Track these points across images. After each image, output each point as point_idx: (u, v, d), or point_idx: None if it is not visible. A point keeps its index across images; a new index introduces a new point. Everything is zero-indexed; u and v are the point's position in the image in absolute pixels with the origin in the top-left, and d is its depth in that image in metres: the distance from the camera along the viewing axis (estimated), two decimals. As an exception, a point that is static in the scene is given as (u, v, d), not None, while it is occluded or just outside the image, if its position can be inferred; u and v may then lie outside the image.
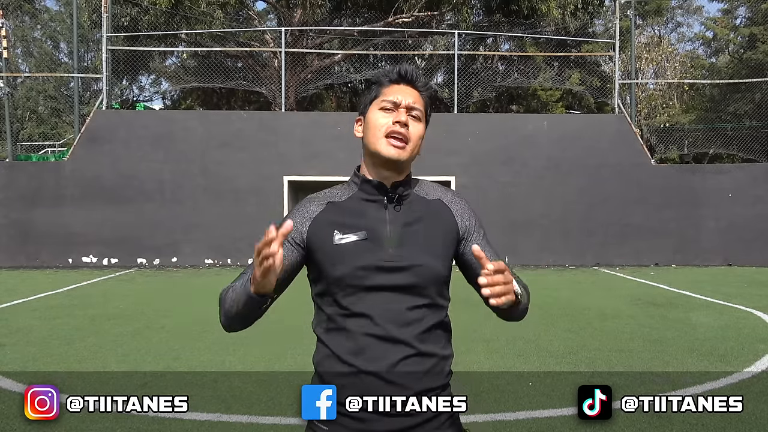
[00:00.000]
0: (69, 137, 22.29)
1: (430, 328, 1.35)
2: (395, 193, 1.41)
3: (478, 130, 14.18)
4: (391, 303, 1.32)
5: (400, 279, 1.33)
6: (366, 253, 1.34)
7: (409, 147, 1.39)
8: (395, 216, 1.40)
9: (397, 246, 1.35)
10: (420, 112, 1.42)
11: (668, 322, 6.96)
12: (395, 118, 1.38)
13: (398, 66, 1.45)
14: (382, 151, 1.38)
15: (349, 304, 1.33)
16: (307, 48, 17.95)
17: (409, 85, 1.43)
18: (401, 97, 1.40)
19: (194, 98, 23.21)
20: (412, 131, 1.39)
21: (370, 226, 1.37)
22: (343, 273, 1.33)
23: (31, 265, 13.10)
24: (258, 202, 13.59)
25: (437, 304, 1.38)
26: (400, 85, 1.43)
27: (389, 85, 1.43)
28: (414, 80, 1.43)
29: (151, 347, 5.68)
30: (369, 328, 1.30)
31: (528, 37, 17.92)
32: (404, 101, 1.40)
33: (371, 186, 1.42)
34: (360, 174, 1.45)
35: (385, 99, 1.41)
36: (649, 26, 28.63)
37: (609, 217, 13.89)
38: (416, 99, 1.42)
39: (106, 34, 14.24)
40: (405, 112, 1.39)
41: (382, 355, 1.30)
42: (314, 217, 1.40)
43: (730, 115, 22.04)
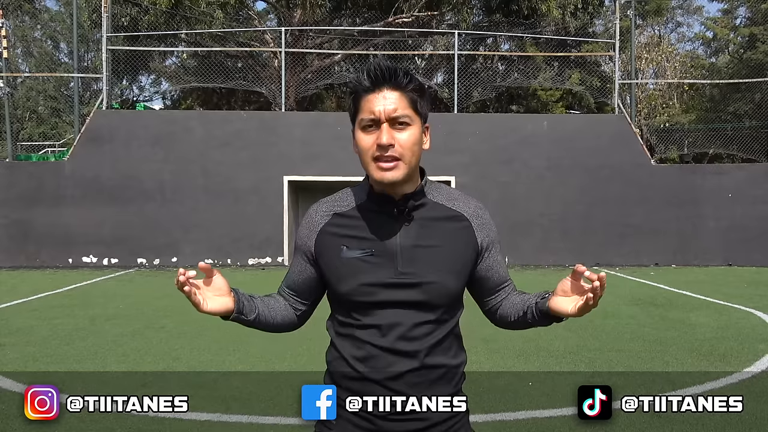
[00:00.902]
0: (69, 137, 22.29)
1: (440, 341, 1.32)
2: (405, 206, 1.31)
3: (478, 130, 14.18)
4: (400, 318, 1.29)
5: (410, 295, 1.29)
6: (374, 269, 1.29)
7: (404, 162, 1.26)
8: (406, 230, 1.31)
9: (407, 262, 1.29)
10: (407, 115, 1.26)
11: (668, 322, 6.96)
12: (377, 139, 1.25)
13: (367, 66, 1.28)
14: (376, 177, 1.28)
15: (359, 315, 1.32)
16: (307, 48, 17.95)
17: (387, 88, 1.26)
18: (379, 108, 1.25)
19: (194, 98, 23.21)
20: (402, 143, 1.26)
21: (378, 241, 1.31)
22: (348, 289, 1.30)
23: (31, 265, 13.09)
24: (258, 202, 13.59)
25: (448, 317, 1.35)
26: (375, 92, 1.26)
27: (365, 96, 1.27)
28: (389, 79, 1.26)
29: (151, 347, 5.68)
30: (376, 340, 1.29)
31: (528, 37, 17.91)
32: (383, 113, 1.25)
33: (379, 197, 1.33)
34: (368, 183, 1.35)
35: (363, 117, 1.27)
36: (649, 26, 28.61)
37: (609, 217, 13.89)
38: (398, 102, 1.26)
39: (106, 34, 14.24)
40: (387, 127, 1.25)
41: (387, 366, 1.29)
42: (320, 229, 1.36)
43: (730, 115, 22.04)
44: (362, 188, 1.38)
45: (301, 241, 1.41)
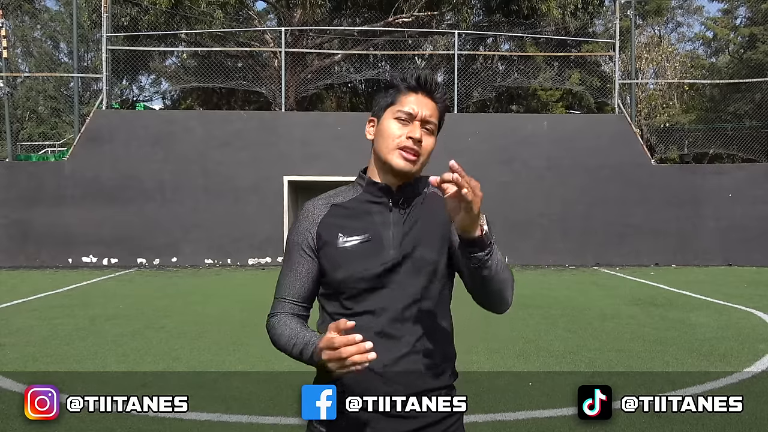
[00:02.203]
0: (69, 137, 22.28)
1: (430, 327, 1.35)
2: (401, 196, 1.40)
3: (478, 130, 14.18)
4: (391, 301, 1.33)
5: (399, 276, 1.33)
6: (369, 256, 1.34)
7: (420, 161, 1.37)
8: (399, 219, 1.39)
9: (398, 247, 1.35)
10: (434, 125, 1.39)
11: (668, 322, 6.96)
12: (410, 132, 1.35)
13: (418, 72, 1.39)
14: (394, 163, 1.36)
15: (352, 304, 1.35)
16: (307, 48, 17.95)
17: (427, 96, 1.38)
18: (418, 108, 1.36)
19: (194, 98, 23.21)
20: (425, 146, 1.37)
21: (374, 229, 1.37)
22: (345, 276, 1.34)
23: (31, 265, 13.09)
24: (258, 202, 13.59)
25: (438, 303, 1.38)
26: (417, 94, 1.38)
27: (406, 93, 1.38)
28: (432, 91, 1.39)
29: (151, 347, 5.68)
30: (367, 325, 1.30)
31: (528, 37, 17.91)
32: (420, 113, 1.36)
33: (377, 188, 1.41)
34: (366, 176, 1.44)
35: (401, 109, 1.37)
36: (649, 26, 28.61)
37: (609, 217, 13.89)
38: (432, 111, 1.38)
39: (106, 34, 14.24)
40: (420, 126, 1.36)
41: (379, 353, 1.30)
42: (319, 221, 1.40)
43: (730, 115, 22.04)
44: (357, 183, 1.46)
45: (301, 237, 1.41)
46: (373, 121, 1.43)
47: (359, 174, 1.46)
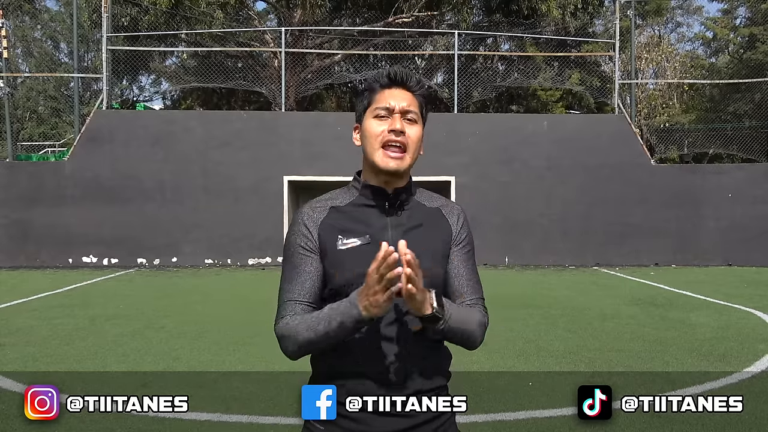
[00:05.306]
0: (69, 137, 22.29)
1: None
2: (397, 198, 1.41)
3: (478, 130, 14.18)
4: None
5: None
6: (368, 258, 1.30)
7: (409, 153, 1.38)
8: (396, 221, 1.39)
9: None
10: (415, 114, 1.40)
11: (668, 322, 6.96)
12: (390, 125, 1.37)
13: (388, 69, 1.42)
14: (380, 165, 1.37)
15: None
16: (307, 48, 17.95)
17: (402, 88, 1.40)
18: (394, 102, 1.38)
19: (194, 98, 23.20)
20: (410, 135, 1.38)
21: (372, 232, 1.37)
22: (345, 279, 1.33)
23: (31, 265, 13.09)
24: (258, 202, 13.59)
25: None
26: (391, 89, 1.40)
27: (381, 91, 1.40)
28: (405, 81, 1.40)
29: (151, 347, 5.68)
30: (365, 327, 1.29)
31: (528, 37, 17.90)
32: (398, 106, 1.38)
33: (372, 191, 1.41)
34: (361, 179, 1.45)
35: (378, 106, 1.39)
36: (649, 26, 28.60)
37: (609, 217, 13.89)
38: (410, 101, 1.39)
39: (106, 34, 14.24)
40: (399, 117, 1.37)
41: (375, 354, 1.31)
42: (320, 223, 1.40)
43: (730, 115, 22.04)
44: (353, 186, 1.47)
45: (303, 239, 1.40)
46: (358, 127, 1.45)
47: (354, 177, 1.47)
